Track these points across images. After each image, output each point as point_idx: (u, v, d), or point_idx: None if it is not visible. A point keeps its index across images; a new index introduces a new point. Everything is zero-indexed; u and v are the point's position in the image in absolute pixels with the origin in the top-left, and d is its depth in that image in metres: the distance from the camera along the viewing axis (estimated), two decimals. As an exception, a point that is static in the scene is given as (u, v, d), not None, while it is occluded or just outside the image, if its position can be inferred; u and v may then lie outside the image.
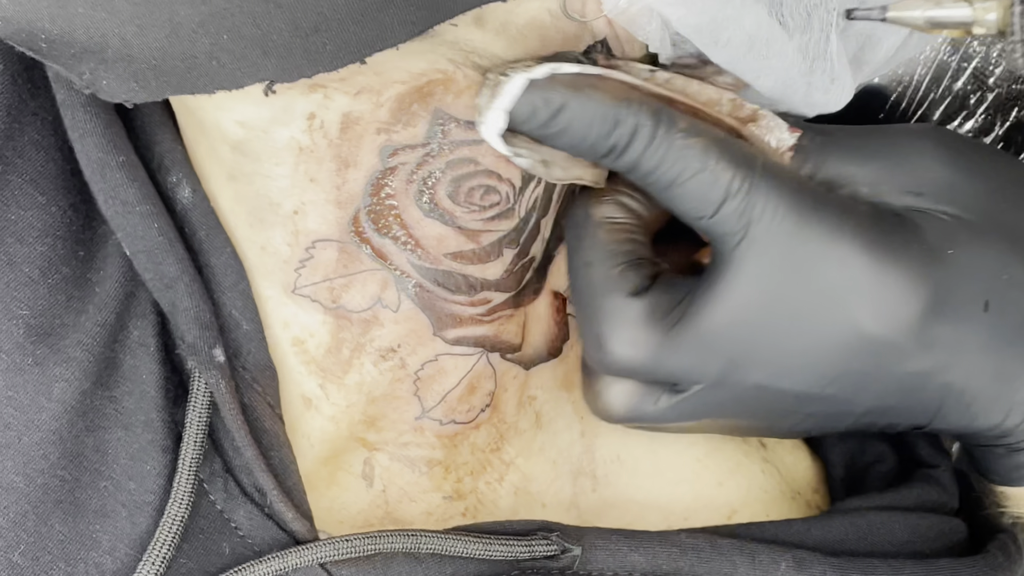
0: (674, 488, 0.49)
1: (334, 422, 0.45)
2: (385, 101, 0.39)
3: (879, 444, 0.53)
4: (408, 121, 0.39)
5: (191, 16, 0.34)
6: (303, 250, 0.42)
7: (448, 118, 0.39)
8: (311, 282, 0.43)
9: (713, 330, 0.40)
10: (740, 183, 0.38)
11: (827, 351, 0.40)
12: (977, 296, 0.40)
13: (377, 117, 0.39)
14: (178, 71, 0.35)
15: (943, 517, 0.48)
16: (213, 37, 0.34)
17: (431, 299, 0.43)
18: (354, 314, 0.44)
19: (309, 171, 0.41)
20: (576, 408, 0.48)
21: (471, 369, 0.45)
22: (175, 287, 0.42)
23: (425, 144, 0.40)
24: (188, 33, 0.34)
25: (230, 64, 0.35)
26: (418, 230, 0.42)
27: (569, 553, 0.43)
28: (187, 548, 0.42)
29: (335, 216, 0.42)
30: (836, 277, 0.39)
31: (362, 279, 0.43)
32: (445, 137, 0.40)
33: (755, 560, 0.44)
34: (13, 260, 0.41)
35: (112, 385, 0.42)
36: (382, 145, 0.40)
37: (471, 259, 0.43)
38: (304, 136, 0.40)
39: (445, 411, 0.46)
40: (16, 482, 0.40)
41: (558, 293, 0.47)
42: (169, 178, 0.43)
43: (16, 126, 0.42)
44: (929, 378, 0.41)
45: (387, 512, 0.45)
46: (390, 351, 0.44)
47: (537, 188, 0.42)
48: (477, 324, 0.44)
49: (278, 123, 0.40)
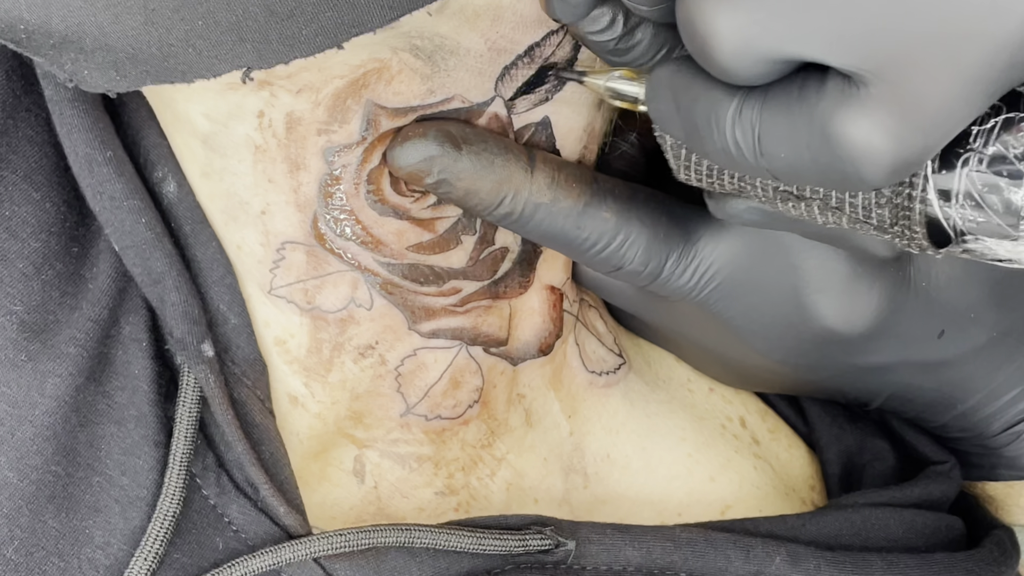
0: (667, 484, 0.49)
1: (321, 419, 0.45)
2: (323, 99, 0.39)
3: (878, 442, 0.53)
4: (343, 118, 0.39)
5: (165, 2, 0.34)
6: (275, 251, 0.43)
7: (377, 109, 0.39)
8: (286, 283, 0.43)
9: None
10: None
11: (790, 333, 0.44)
12: (935, 328, 0.45)
13: (316, 117, 0.39)
14: (155, 59, 0.35)
15: (939, 514, 0.49)
16: (188, 23, 0.34)
17: (402, 294, 0.43)
18: (330, 314, 0.44)
19: (267, 171, 0.41)
20: (563, 407, 0.48)
21: (452, 362, 0.45)
22: (163, 282, 0.42)
23: (361, 141, 0.40)
24: (163, 20, 0.34)
25: (206, 51, 0.35)
26: (376, 229, 0.42)
27: (563, 547, 0.43)
28: (180, 543, 0.41)
29: (297, 219, 0.42)
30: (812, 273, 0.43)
31: (333, 280, 0.43)
32: (376, 129, 0.40)
33: (749, 554, 0.44)
34: (7, 256, 0.41)
35: (105, 380, 0.42)
36: (324, 147, 0.40)
37: (431, 249, 0.43)
38: (256, 134, 0.40)
39: (430, 406, 0.46)
40: (9, 477, 0.40)
41: (555, 288, 0.47)
42: (155, 173, 0.43)
43: (10, 122, 0.42)
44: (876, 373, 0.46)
45: (379, 508, 0.46)
46: (368, 348, 0.44)
47: None
48: (451, 315, 0.44)
49: (234, 118, 0.40)
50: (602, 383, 0.49)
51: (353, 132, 0.40)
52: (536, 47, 0.39)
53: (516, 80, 0.40)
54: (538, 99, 0.41)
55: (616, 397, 0.49)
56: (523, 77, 0.40)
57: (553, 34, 0.39)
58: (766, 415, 0.54)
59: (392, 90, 0.39)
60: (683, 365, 0.52)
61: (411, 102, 0.39)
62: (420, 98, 0.39)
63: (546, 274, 0.46)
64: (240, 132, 0.40)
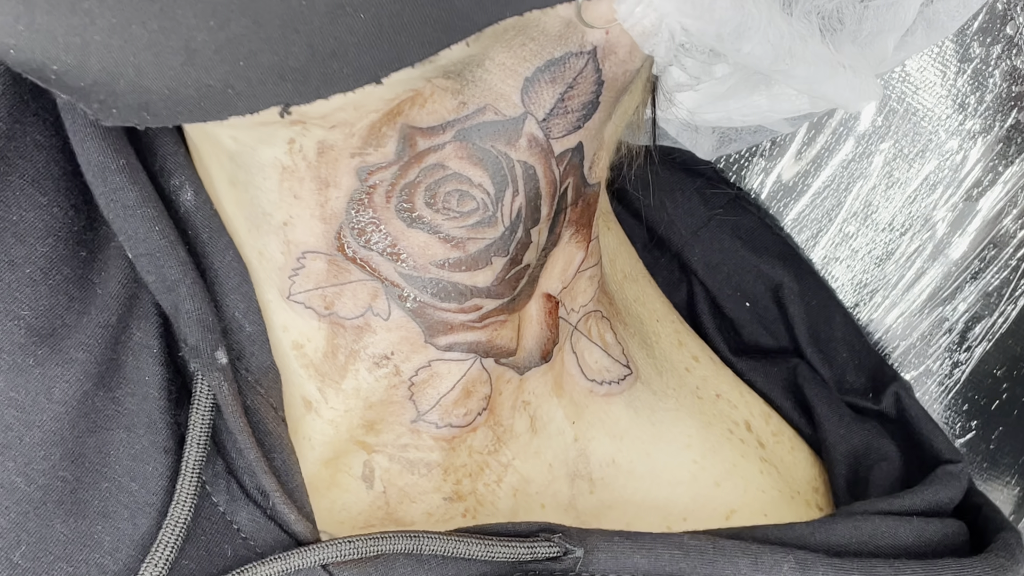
0: (672, 489, 0.49)
1: (333, 425, 0.45)
2: (357, 131, 0.39)
3: (884, 442, 0.53)
4: (378, 143, 0.39)
5: (208, 42, 0.33)
6: (295, 259, 0.42)
7: (412, 131, 0.39)
8: (303, 289, 0.43)
9: None
10: None
11: None
12: None
13: (350, 144, 0.39)
14: (191, 100, 0.35)
15: (947, 520, 0.48)
16: (229, 64, 0.34)
17: (421, 308, 0.43)
18: (347, 321, 0.44)
19: (292, 188, 0.41)
20: (567, 413, 0.48)
21: (465, 374, 0.45)
22: (177, 290, 0.42)
23: (397, 160, 0.40)
24: (203, 60, 0.33)
25: (246, 91, 0.34)
26: (403, 241, 0.42)
27: (571, 555, 0.43)
28: (189, 549, 0.41)
29: (321, 230, 0.42)
30: None
31: (352, 289, 0.43)
32: (412, 149, 0.40)
33: (758, 561, 0.44)
34: (14, 260, 0.41)
35: (114, 386, 0.42)
36: (357, 167, 0.40)
37: (458, 267, 0.42)
38: (286, 157, 0.40)
39: (441, 415, 0.46)
40: (17, 482, 0.40)
41: (550, 296, 0.47)
42: (171, 181, 0.43)
43: (18, 126, 0.42)
44: None
45: (388, 513, 0.45)
46: (383, 358, 0.44)
47: (517, 197, 0.41)
48: (468, 330, 0.44)
49: (263, 143, 0.39)
50: (603, 392, 0.49)
51: (388, 154, 0.39)
52: (555, 64, 0.39)
53: (543, 99, 0.39)
54: (571, 125, 0.41)
55: (619, 405, 0.49)
56: (550, 97, 0.39)
57: (574, 56, 0.39)
58: (769, 417, 0.54)
59: (426, 111, 0.39)
60: (694, 373, 0.52)
61: (445, 118, 0.39)
62: (453, 112, 0.39)
63: (545, 282, 0.46)
64: (268, 155, 0.40)
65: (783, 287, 0.59)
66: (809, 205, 0.63)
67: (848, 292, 0.64)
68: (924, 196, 0.62)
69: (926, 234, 0.62)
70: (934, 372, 0.65)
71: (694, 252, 0.60)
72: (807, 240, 0.64)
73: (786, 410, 0.55)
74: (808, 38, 0.39)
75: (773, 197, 0.63)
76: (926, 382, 0.65)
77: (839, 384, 0.57)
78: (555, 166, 0.41)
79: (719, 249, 0.60)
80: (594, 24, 0.38)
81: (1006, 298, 0.63)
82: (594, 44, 0.39)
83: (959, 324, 0.64)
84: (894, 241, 0.63)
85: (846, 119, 0.61)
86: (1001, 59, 0.59)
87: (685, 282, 0.60)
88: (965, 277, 0.63)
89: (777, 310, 0.59)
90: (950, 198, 0.62)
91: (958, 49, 0.59)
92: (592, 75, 0.39)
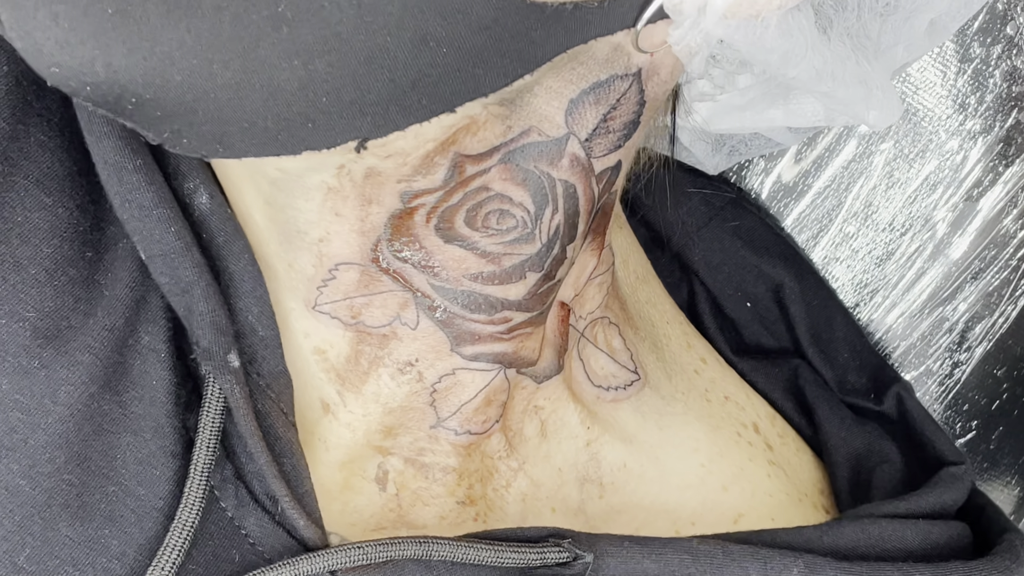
0: (680, 494, 0.49)
1: (350, 429, 0.45)
2: (410, 161, 0.39)
3: (885, 443, 0.53)
4: (428, 171, 0.39)
5: (290, 80, 0.33)
6: (326, 271, 0.42)
7: (462, 158, 0.39)
8: (331, 300, 0.43)
9: None
10: None
11: None
12: None
13: (400, 172, 0.39)
14: (269, 133, 0.34)
15: (952, 522, 0.49)
16: (311, 100, 0.33)
17: (450, 318, 0.43)
18: (373, 329, 0.43)
19: (335, 207, 0.40)
20: (581, 418, 0.48)
21: (488, 384, 0.45)
22: (191, 292, 0.42)
23: (443, 187, 0.40)
24: (286, 97, 0.33)
25: (325, 125, 0.34)
26: (439, 255, 0.41)
27: (581, 560, 0.43)
28: (196, 555, 0.41)
29: (358, 243, 0.41)
30: None
31: (382, 299, 0.43)
32: (460, 176, 0.39)
33: (767, 566, 0.44)
34: (19, 262, 0.40)
35: (121, 390, 0.42)
36: (402, 191, 0.40)
37: (491, 280, 0.42)
38: (333, 180, 0.39)
39: (461, 422, 0.46)
40: (21, 485, 0.39)
41: (563, 304, 0.47)
42: (186, 184, 0.43)
43: (21, 127, 0.41)
44: None
45: (399, 516, 0.45)
46: (408, 365, 0.44)
47: (556, 215, 0.41)
48: (496, 341, 0.44)
49: (312, 171, 0.39)
50: (609, 398, 0.49)
51: (436, 180, 0.39)
52: (600, 87, 0.39)
53: (586, 119, 0.39)
54: (613, 144, 0.41)
55: (627, 411, 0.49)
56: (593, 118, 0.39)
57: (619, 79, 0.39)
58: (775, 419, 0.54)
59: (477, 139, 0.38)
60: (703, 375, 0.52)
61: (493, 143, 0.39)
62: (500, 137, 0.39)
63: (561, 292, 0.46)
64: (315, 179, 0.39)
65: (784, 287, 0.59)
66: (809, 205, 0.63)
67: (848, 292, 0.64)
68: (924, 196, 0.62)
69: (926, 234, 0.63)
70: (934, 372, 0.65)
71: (695, 252, 0.60)
72: (807, 240, 0.64)
73: (787, 411, 0.55)
74: (846, 60, 0.39)
75: (773, 197, 0.63)
76: (926, 382, 0.65)
77: (840, 385, 0.57)
78: (595, 184, 0.41)
79: (720, 249, 0.60)
80: (647, 49, 0.38)
81: (1006, 298, 0.63)
82: (639, 66, 0.39)
83: (959, 324, 0.64)
84: (894, 241, 0.63)
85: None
86: (1001, 59, 0.59)
87: (686, 282, 0.60)
88: (965, 277, 0.63)
89: (778, 310, 0.59)
90: (950, 198, 0.62)
91: (958, 49, 0.59)
92: (636, 96, 0.40)
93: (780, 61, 0.37)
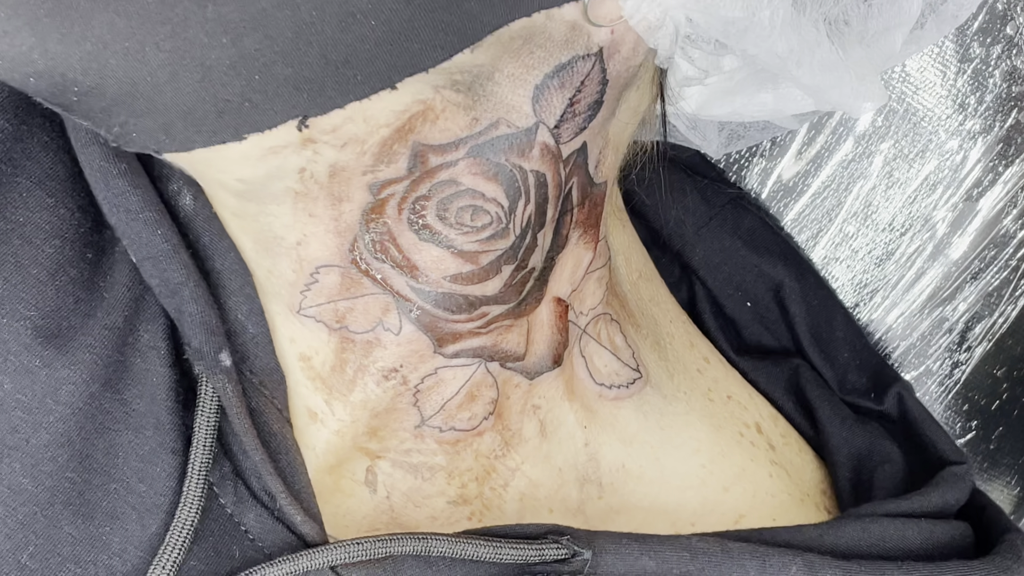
0: (681, 494, 0.49)
1: (339, 435, 0.45)
2: (368, 148, 0.39)
3: (887, 444, 0.53)
4: (389, 160, 0.39)
5: (221, 58, 0.33)
6: (307, 275, 0.42)
7: (423, 147, 0.39)
8: (315, 304, 0.43)
9: None
10: None
11: None
12: None
13: (362, 163, 0.39)
14: (210, 117, 0.35)
15: (953, 522, 0.49)
16: (245, 78, 0.34)
17: (432, 321, 0.43)
18: (357, 335, 0.44)
19: (307, 208, 0.41)
20: (578, 418, 0.48)
21: (469, 378, 0.45)
22: (180, 293, 0.42)
23: (408, 175, 0.40)
24: (220, 76, 0.34)
25: (263, 104, 0.35)
26: (415, 254, 0.41)
27: (580, 556, 0.43)
28: (197, 551, 0.41)
29: (335, 243, 0.41)
30: None
31: (364, 302, 0.43)
32: (424, 166, 0.39)
33: (766, 564, 0.44)
34: (21, 262, 0.41)
35: (122, 388, 0.42)
36: (370, 182, 0.40)
37: (471, 280, 0.42)
38: (298, 184, 0.40)
39: (444, 419, 0.46)
40: (24, 484, 0.40)
41: (560, 300, 0.47)
42: (169, 186, 0.43)
43: (24, 128, 0.42)
44: None
45: (392, 517, 0.45)
46: (392, 371, 0.44)
47: (529, 205, 0.42)
48: (474, 336, 0.44)
49: (273, 178, 0.39)
50: (612, 396, 0.49)
51: (400, 169, 0.39)
52: (563, 69, 0.39)
53: (553, 105, 0.39)
54: (578, 127, 0.41)
55: (628, 409, 0.49)
56: (560, 103, 0.39)
57: (581, 59, 0.39)
58: (777, 419, 0.54)
59: (438, 128, 0.39)
60: (705, 375, 0.52)
61: (458, 135, 0.39)
62: (466, 129, 0.39)
63: (555, 286, 0.46)
64: (279, 186, 0.40)
65: (784, 287, 0.59)
66: (809, 205, 0.63)
67: (848, 292, 0.64)
68: (924, 196, 0.62)
69: (926, 234, 0.63)
70: (934, 372, 0.65)
71: (695, 252, 0.60)
72: (807, 240, 0.64)
73: (788, 411, 0.55)
74: (816, 47, 0.39)
75: (773, 197, 0.63)
76: (926, 382, 0.65)
77: (841, 384, 0.57)
78: (562, 169, 0.41)
79: (720, 249, 0.60)
80: (600, 23, 0.38)
81: (1006, 298, 0.63)
82: (600, 45, 0.39)
83: (959, 324, 0.64)
84: (894, 241, 0.63)
85: (846, 119, 0.62)
86: (1001, 59, 0.59)
87: (686, 282, 0.60)
88: (965, 277, 0.63)
89: (778, 310, 0.59)
90: (950, 198, 0.62)
91: (958, 49, 0.59)
92: (598, 76, 0.39)
93: (738, 34, 0.37)
